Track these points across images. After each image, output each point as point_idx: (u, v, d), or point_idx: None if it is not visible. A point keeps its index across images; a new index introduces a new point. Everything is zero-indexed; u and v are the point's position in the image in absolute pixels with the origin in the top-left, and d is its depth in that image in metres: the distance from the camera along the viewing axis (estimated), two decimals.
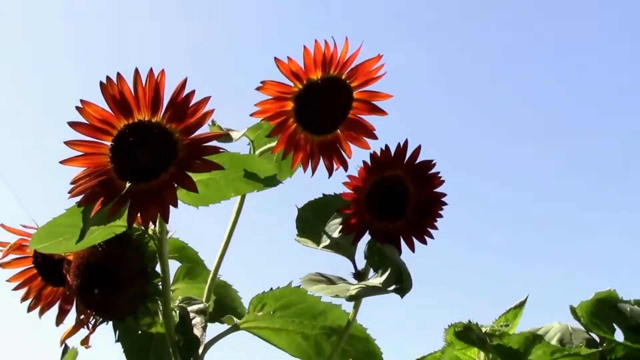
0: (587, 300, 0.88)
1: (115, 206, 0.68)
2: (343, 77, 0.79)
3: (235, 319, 0.87)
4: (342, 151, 0.82)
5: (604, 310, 0.88)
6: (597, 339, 0.85)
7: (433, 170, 0.82)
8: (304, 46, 0.75)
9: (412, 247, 0.84)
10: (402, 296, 0.79)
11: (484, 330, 0.86)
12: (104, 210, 0.69)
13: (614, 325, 0.88)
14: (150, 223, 0.77)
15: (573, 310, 0.88)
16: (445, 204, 0.83)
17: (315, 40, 0.75)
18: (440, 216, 0.83)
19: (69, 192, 0.68)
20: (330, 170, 0.83)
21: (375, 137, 0.82)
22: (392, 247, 0.83)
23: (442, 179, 0.82)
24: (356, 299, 0.82)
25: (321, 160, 0.82)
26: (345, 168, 0.83)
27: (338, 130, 0.82)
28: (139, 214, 0.68)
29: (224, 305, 0.90)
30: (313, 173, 0.82)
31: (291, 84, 0.78)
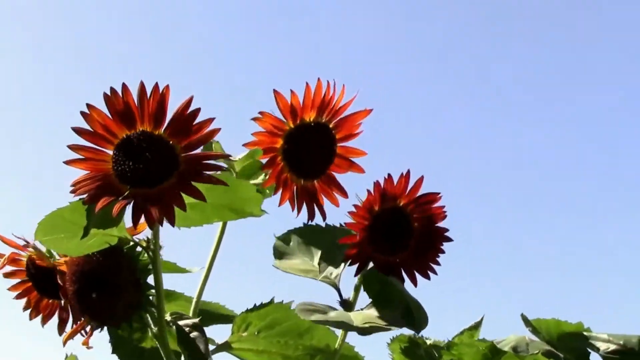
0: (545, 319, 0.87)
1: (120, 203, 0.70)
2: (331, 125, 0.82)
3: (215, 340, 0.89)
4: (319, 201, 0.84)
5: (571, 338, 0.88)
6: (559, 354, 0.83)
7: (438, 204, 0.82)
8: (307, 83, 0.78)
9: (414, 282, 0.84)
10: (418, 332, 0.80)
11: (428, 343, 0.86)
12: (107, 212, 0.70)
13: (589, 350, 0.87)
14: (144, 235, 0.82)
15: (526, 320, 0.86)
16: (449, 239, 0.83)
17: (318, 79, 0.78)
18: (443, 251, 0.83)
19: (72, 192, 0.71)
20: (310, 216, 0.85)
21: (346, 196, 0.85)
22: (396, 279, 0.83)
23: (445, 213, 0.82)
24: (368, 333, 0.79)
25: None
26: (324, 217, 0.85)
27: (315, 182, 0.84)
28: (142, 215, 0.70)
29: (209, 315, 0.92)
30: (298, 214, 0.84)
31: (284, 120, 0.80)
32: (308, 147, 0.82)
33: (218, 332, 0.92)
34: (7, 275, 0.90)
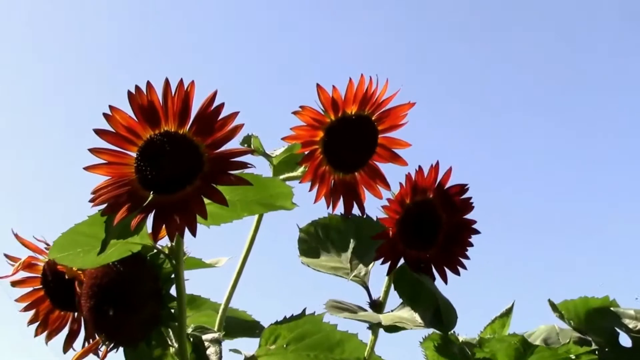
0: (572, 300, 0.84)
1: (139, 215, 0.66)
2: (374, 118, 0.80)
3: (244, 352, 0.84)
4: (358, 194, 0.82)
5: (599, 316, 0.84)
6: (590, 339, 0.81)
7: (465, 196, 0.80)
8: (350, 78, 0.76)
9: (444, 278, 0.81)
10: (446, 333, 0.78)
11: (461, 339, 0.83)
12: (127, 222, 0.66)
13: (616, 329, 0.83)
14: (167, 241, 0.76)
15: (553, 305, 0.85)
16: (476, 231, 0.81)
17: (361, 75, 0.76)
18: (471, 244, 0.81)
19: (91, 201, 0.66)
20: (347, 211, 0.82)
21: (389, 188, 0.82)
22: (427, 277, 0.81)
23: (472, 204, 0.81)
24: (396, 331, 0.78)
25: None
26: (362, 211, 0.82)
27: (356, 173, 0.82)
28: (164, 225, 0.66)
29: (234, 325, 0.88)
30: (333, 210, 0.82)
31: (325, 113, 0.78)
32: (348, 140, 0.80)
33: (246, 344, 0.87)
34: (17, 283, 0.83)
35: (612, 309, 0.84)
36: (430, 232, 0.81)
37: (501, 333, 0.87)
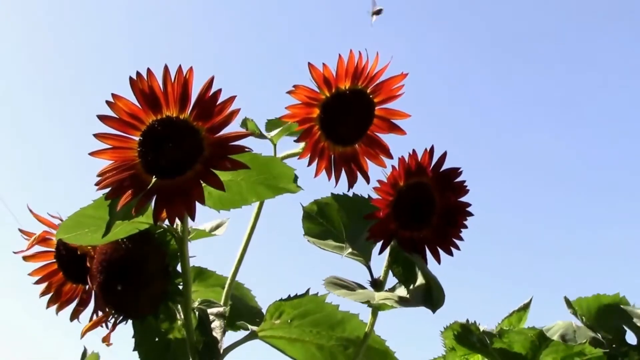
0: (586, 297, 0.87)
1: (142, 200, 0.69)
2: (368, 91, 0.81)
3: (250, 326, 0.87)
4: (361, 165, 0.83)
5: (609, 313, 0.87)
6: (602, 340, 0.84)
7: (459, 179, 0.81)
8: (339, 55, 0.78)
9: (437, 258, 0.82)
10: (434, 311, 0.79)
11: (482, 329, 0.85)
12: (130, 205, 0.70)
13: (624, 327, 0.86)
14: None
15: (568, 302, 0.87)
16: (470, 214, 0.82)
17: (350, 50, 0.78)
18: (465, 226, 0.82)
19: (96, 184, 0.69)
20: (350, 183, 0.84)
21: (390, 156, 0.83)
22: (420, 257, 0.82)
23: (467, 188, 0.81)
24: (385, 309, 0.80)
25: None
26: (367, 181, 0.84)
27: (356, 145, 0.83)
28: (165, 210, 0.69)
29: (239, 307, 0.90)
30: (336, 183, 0.84)
31: (319, 90, 0.80)
32: (345, 114, 0.82)
33: None
34: (30, 257, 0.87)
35: (622, 306, 0.86)
36: (424, 214, 0.82)
37: (518, 326, 0.91)
